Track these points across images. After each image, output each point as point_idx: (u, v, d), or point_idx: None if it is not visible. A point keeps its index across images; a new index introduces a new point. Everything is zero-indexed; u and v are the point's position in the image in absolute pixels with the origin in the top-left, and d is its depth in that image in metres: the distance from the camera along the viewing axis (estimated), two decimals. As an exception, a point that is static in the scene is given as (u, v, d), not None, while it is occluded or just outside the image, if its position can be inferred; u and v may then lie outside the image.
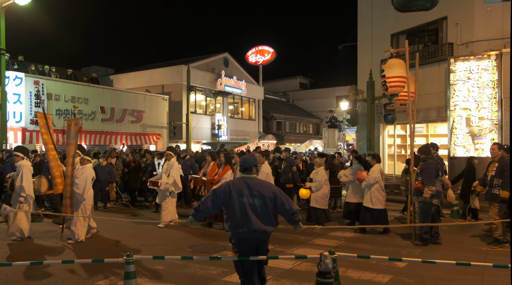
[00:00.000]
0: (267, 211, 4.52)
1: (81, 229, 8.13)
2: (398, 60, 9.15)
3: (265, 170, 9.58)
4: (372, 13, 19.02)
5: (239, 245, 4.52)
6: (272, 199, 4.55)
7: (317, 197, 9.81)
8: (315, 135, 44.36)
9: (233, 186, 4.55)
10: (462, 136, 13.75)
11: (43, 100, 18.02)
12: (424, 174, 7.97)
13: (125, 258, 4.26)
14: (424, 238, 7.97)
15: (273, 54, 36.56)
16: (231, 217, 4.49)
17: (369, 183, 9.05)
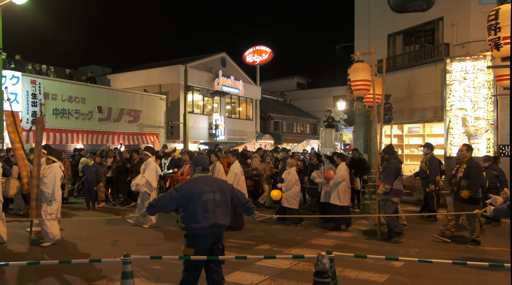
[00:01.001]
0: (227, 205, 4.85)
1: (54, 227, 7.83)
2: (362, 64, 9.44)
3: (234, 169, 9.62)
4: (369, 13, 19.05)
5: (197, 240, 4.69)
6: (230, 192, 4.93)
7: (288, 197, 10.01)
8: (312, 135, 44.39)
9: (194, 184, 4.76)
10: (458, 136, 13.80)
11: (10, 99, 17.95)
12: (385, 173, 8.38)
13: (122, 258, 4.26)
14: (397, 232, 8.29)
15: (271, 54, 36.59)
16: (191, 213, 4.65)
17: (337, 181, 9.38)
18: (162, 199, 4.76)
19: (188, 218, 4.68)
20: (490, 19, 6.33)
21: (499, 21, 6.33)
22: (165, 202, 4.74)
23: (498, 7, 6.43)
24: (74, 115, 19.87)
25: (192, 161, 5.12)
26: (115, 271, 6.09)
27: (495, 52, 6.46)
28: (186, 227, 4.71)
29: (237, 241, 8.35)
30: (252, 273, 6.20)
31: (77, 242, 8.08)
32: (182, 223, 4.75)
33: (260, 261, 6.70)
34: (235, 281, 5.86)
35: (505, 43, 6.30)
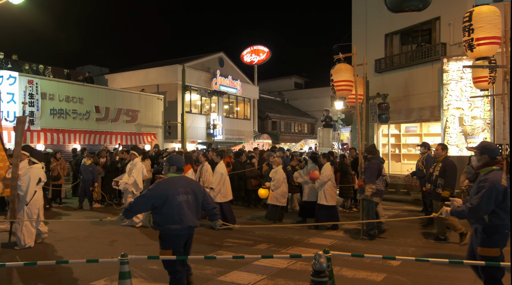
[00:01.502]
0: (198, 206, 4.98)
1: (28, 235, 7.54)
2: (345, 65, 9.54)
3: (220, 170, 9.51)
4: (366, 13, 19.08)
5: (172, 241, 4.78)
6: (202, 195, 5.06)
7: (277, 195, 10.07)
8: (310, 134, 44.43)
9: (169, 185, 4.83)
10: (455, 135, 13.84)
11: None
12: (367, 173, 8.43)
13: (120, 258, 4.26)
14: (370, 234, 8.42)
15: (268, 54, 36.61)
16: (166, 214, 4.72)
17: (323, 181, 9.40)
18: (137, 202, 4.81)
19: (163, 219, 4.73)
20: (465, 21, 6.47)
21: (473, 23, 6.45)
22: (141, 204, 4.79)
23: (472, 9, 6.59)
24: (71, 115, 19.84)
25: (166, 160, 5.14)
26: (112, 271, 6.09)
27: (469, 53, 6.60)
28: (162, 228, 4.76)
29: (235, 240, 8.36)
30: (249, 273, 6.21)
31: (75, 243, 8.08)
32: (157, 224, 4.78)
33: (257, 260, 6.71)
34: (232, 281, 5.87)
35: (477, 45, 6.42)
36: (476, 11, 6.45)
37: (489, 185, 4.32)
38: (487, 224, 4.39)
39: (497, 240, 4.39)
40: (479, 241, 4.48)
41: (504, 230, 4.39)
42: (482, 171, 4.58)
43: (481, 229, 4.47)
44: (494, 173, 4.45)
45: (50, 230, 9.06)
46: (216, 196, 9.37)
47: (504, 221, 4.35)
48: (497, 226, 4.38)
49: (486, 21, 6.35)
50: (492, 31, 6.39)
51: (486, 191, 4.30)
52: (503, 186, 4.32)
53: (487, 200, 4.29)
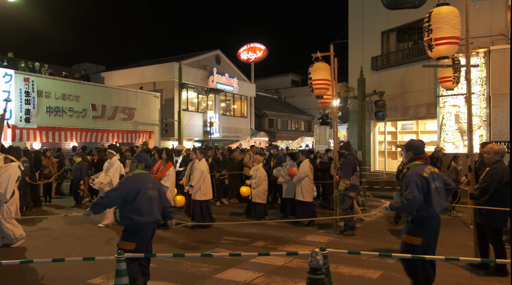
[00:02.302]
0: (161, 202, 5.16)
1: (15, 229, 7.52)
2: (323, 63, 9.63)
3: (200, 167, 9.42)
4: (362, 10, 19.10)
5: (140, 234, 4.87)
6: (163, 193, 5.25)
7: (258, 193, 10.21)
8: (307, 132, 44.49)
9: (139, 180, 4.97)
10: (451, 132, 13.89)
11: None
12: (343, 168, 8.68)
13: (116, 256, 4.27)
14: (351, 226, 8.68)
15: (265, 52, 36.57)
16: (137, 208, 4.81)
17: (300, 177, 9.61)
18: (109, 195, 4.84)
19: (133, 212, 4.81)
20: (425, 21, 6.63)
21: (431, 23, 6.59)
22: (113, 197, 4.82)
23: (431, 10, 6.71)
24: (67, 113, 19.76)
25: (135, 157, 5.25)
26: (109, 269, 6.09)
27: (428, 53, 6.74)
28: (132, 221, 4.81)
29: (232, 238, 8.37)
30: (246, 270, 6.22)
31: (71, 240, 8.07)
32: (126, 217, 4.83)
33: (254, 258, 6.72)
34: (229, 278, 5.88)
35: (436, 45, 6.55)
36: (435, 12, 6.60)
37: (414, 178, 4.76)
38: (415, 216, 4.82)
39: (422, 231, 4.81)
40: (406, 230, 4.94)
41: (430, 222, 4.81)
42: (409, 166, 5.05)
43: (409, 220, 4.91)
44: (417, 167, 4.90)
45: (46, 228, 9.07)
46: (196, 194, 9.31)
47: (428, 213, 4.76)
48: (423, 217, 4.79)
49: (444, 22, 6.49)
50: (450, 32, 6.51)
51: (413, 183, 4.72)
52: (425, 177, 4.76)
53: (417, 191, 4.68)
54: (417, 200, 4.65)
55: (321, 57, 9.61)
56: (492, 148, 6.04)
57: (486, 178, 5.94)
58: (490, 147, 6.09)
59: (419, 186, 4.70)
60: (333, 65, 9.30)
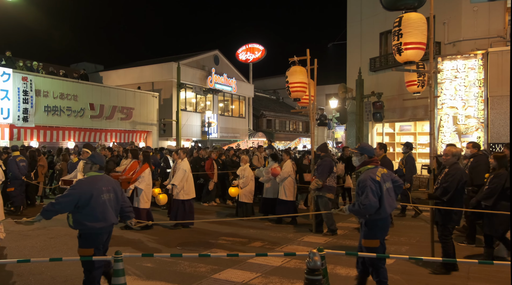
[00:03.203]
0: (118, 204, 5.09)
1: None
2: (299, 67, 9.82)
3: (183, 167, 9.32)
4: (361, 11, 19.12)
5: (96, 239, 4.82)
6: (121, 193, 5.17)
7: (245, 192, 10.31)
8: (305, 133, 44.51)
9: (92, 184, 4.85)
10: (449, 134, 13.90)
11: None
12: (319, 170, 8.79)
13: (114, 255, 4.26)
14: (332, 229, 8.76)
15: (263, 52, 36.57)
16: (91, 213, 4.73)
17: (283, 177, 9.79)
18: (60, 202, 4.72)
19: (88, 218, 4.72)
20: (395, 26, 6.85)
21: (402, 28, 6.69)
22: (63, 204, 4.71)
23: (401, 15, 6.80)
24: (65, 112, 19.75)
25: (89, 158, 5.13)
26: (106, 269, 6.08)
27: (397, 56, 6.92)
28: (85, 227, 4.74)
29: (229, 238, 8.37)
30: (243, 271, 6.22)
31: (68, 240, 8.05)
32: (79, 223, 4.75)
33: (251, 258, 6.72)
34: (226, 279, 5.88)
35: (405, 49, 6.68)
36: (405, 17, 6.72)
37: (368, 182, 4.87)
38: (368, 219, 4.94)
39: (377, 232, 4.96)
40: (363, 234, 5.06)
41: (383, 223, 4.98)
42: (362, 170, 5.13)
43: (364, 223, 5.03)
44: (369, 171, 5.02)
45: (43, 227, 9.04)
46: (179, 193, 9.22)
47: (381, 215, 4.90)
48: (376, 220, 4.92)
49: (413, 27, 6.63)
50: (419, 37, 6.67)
51: (368, 188, 4.83)
52: (378, 181, 4.90)
53: (373, 195, 4.81)
54: (372, 205, 4.80)
55: (298, 61, 9.83)
56: (450, 151, 6.35)
57: (447, 178, 6.13)
58: (448, 150, 6.42)
59: (373, 191, 4.84)
60: (309, 67, 9.60)
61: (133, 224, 5.41)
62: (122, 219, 5.31)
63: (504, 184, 6.43)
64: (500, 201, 6.47)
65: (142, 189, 9.06)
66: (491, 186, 6.54)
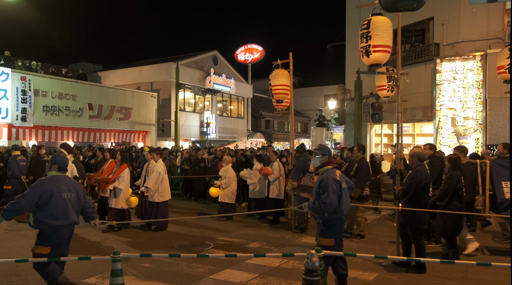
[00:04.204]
0: (79, 205, 5.12)
1: None
2: (281, 70, 10.04)
3: (158, 168, 9.15)
4: (360, 12, 19.12)
5: (55, 238, 4.84)
6: (83, 194, 5.20)
7: (227, 193, 10.33)
8: (303, 133, 44.52)
9: (53, 183, 4.90)
10: (447, 135, 13.93)
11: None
12: (292, 170, 9.07)
13: (112, 255, 4.25)
14: (301, 227, 9.05)
15: (262, 53, 36.57)
16: (51, 212, 4.77)
17: (276, 176, 10.10)
18: (20, 201, 4.73)
19: (47, 216, 4.77)
20: (363, 28, 7.02)
21: (370, 30, 6.83)
22: (24, 203, 4.73)
23: (370, 18, 6.94)
24: (64, 112, 19.72)
25: (50, 159, 5.21)
26: (104, 268, 6.09)
27: (365, 59, 7.06)
28: (46, 225, 4.77)
29: (227, 239, 8.36)
30: (242, 271, 6.22)
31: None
32: (40, 221, 4.77)
33: (250, 259, 6.72)
34: (224, 279, 5.88)
35: (373, 51, 6.80)
36: (374, 20, 6.88)
37: (330, 182, 4.99)
38: (327, 218, 5.04)
39: (334, 232, 5.07)
40: (319, 232, 5.15)
41: (340, 223, 5.11)
42: (321, 171, 5.25)
43: (321, 222, 5.10)
44: (330, 171, 5.15)
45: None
46: (154, 195, 9.05)
47: (339, 215, 5.03)
48: (334, 219, 5.05)
49: (381, 30, 6.78)
50: (385, 40, 6.80)
51: (330, 188, 4.95)
52: (338, 180, 5.06)
53: (333, 195, 4.93)
54: (333, 203, 4.91)
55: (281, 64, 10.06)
56: (415, 152, 6.50)
57: (407, 180, 6.33)
58: (414, 152, 6.57)
59: (334, 190, 4.96)
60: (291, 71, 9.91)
61: (97, 225, 5.40)
62: (85, 219, 5.31)
63: (456, 185, 6.73)
64: (452, 201, 6.77)
65: (122, 189, 8.84)
66: (445, 187, 6.84)
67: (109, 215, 8.88)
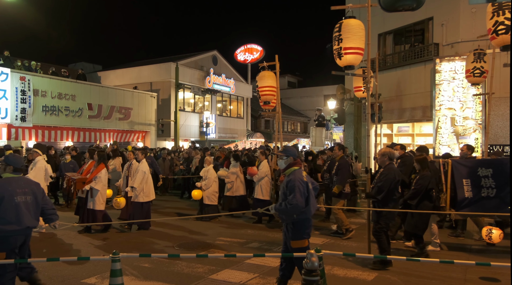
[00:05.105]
0: (37, 207, 4.90)
1: None
2: (267, 72, 10.13)
3: (142, 168, 9.02)
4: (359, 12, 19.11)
5: (8, 243, 4.66)
6: (41, 196, 4.97)
7: (209, 194, 10.29)
8: (303, 133, 44.54)
9: (5, 186, 4.70)
10: (447, 135, 13.92)
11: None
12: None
13: (111, 256, 4.25)
14: None
15: (262, 53, 36.59)
16: (2, 216, 4.57)
17: (260, 176, 10.05)
18: None
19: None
20: (335, 31, 7.18)
21: (342, 33, 6.95)
22: None
23: (341, 21, 7.07)
24: (63, 112, 19.73)
25: (3, 159, 4.99)
26: (104, 269, 6.09)
27: (338, 61, 7.17)
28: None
29: (227, 239, 8.36)
30: (241, 271, 6.22)
31: (66, 240, 8.04)
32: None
33: (249, 259, 6.72)
34: (224, 279, 5.88)
35: (345, 53, 6.94)
36: (345, 23, 7.02)
37: (297, 183, 4.90)
38: (295, 219, 4.95)
39: (302, 233, 4.97)
40: (291, 236, 5.02)
41: (309, 224, 5.03)
42: (288, 172, 5.16)
43: (291, 224, 5.00)
44: (296, 172, 5.07)
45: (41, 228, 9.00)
46: (139, 196, 8.93)
47: (307, 215, 4.96)
48: (303, 220, 4.96)
49: (352, 33, 6.92)
50: (357, 43, 6.94)
51: (297, 189, 4.86)
52: (305, 181, 4.99)
53: (300, 195, 4.84)
54: (299, 205, 4.83)
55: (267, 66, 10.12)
56: (385, 152, 6.68)
57: (381, 178, 6.47)
58: (384, 151, 6.72)
59: (301, 191, 4.89)
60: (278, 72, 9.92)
61: (57, 227, 5.19)
62: (45, 221, 5.16)
63: (428, 185, 6.86)
64: (423, 201, 6.91)
65: (98, 190, 8.58)
66: (416, 187, 6.95)
67: (86, 217, 8.60)
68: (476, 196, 7.11)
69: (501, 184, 6.99)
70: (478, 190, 7.10)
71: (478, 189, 7.11)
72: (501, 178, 7.00)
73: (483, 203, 7.03)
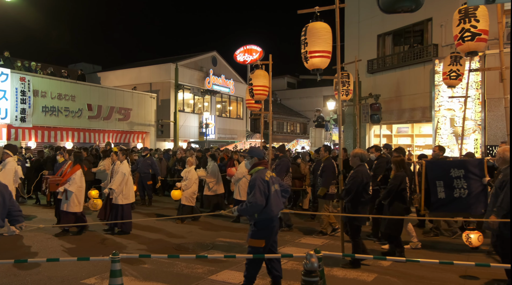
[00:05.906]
0: (5, 208, 4.85)
1: None
2: (262, 71, 10.15)
3: (122, 170, 8.80)
4: (359, 13, 19.15)
5: None
6: (8, 197, 4.90)
7: (187, 195, 10.24)
8: (302, 134, 44.53)
9: None
10: (446, 136, 13.94)
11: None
12: (277, 169, 9.24)
13: (111, 256, 4.26)
14: (288, 225, 9.25)
15: (261, 54, 36.56)
16: None
17: (237, 177, 10.10)
18: None
19: None
20: (302, 35, 7.08)
21: (307, 37, 6.97)
22: None
23: (307, 25, 7.04)
24: (63, 113, 19.73)
25: None
26: (103, 269, 6.08)
27: (305, 64, 7.19)
28: None
29: (226, 239, 8.36)
30: (240, 272, 6.19)
31: (66, 240, 8.04)
32: None
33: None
34: (223, 280, 5.88)
35: (311, 57, 6.98)
36: (310, 26, 7.00)
37: (258, 182, 4.99)
38: (257, 219, 5.04)
39: (264, 233, 5.06)
40: (250, 233, 5.14)
41: (271, 223, 5.10)
42: (253, 172, 5.25)
43: (253, 223, 5.10)
44: (260, 171, 5.16)
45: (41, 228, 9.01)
46: (118, 197, 8.72)
47: (269, 215, 5.02)
48: (265, 220, 5.04)
49: (317, 36, 6.90)
50: (323, 46, 6.93)
51: (256, 187, 4.95)
52: (267, 180, 5.06)
53: (260, 194, 4.92)
54: (258, 203, 4.89)
55: (261, 65, 10.16)
56: (356, 153, 6.74)
57: (350, 180, 6.57)
58: (355, 152, 6.79)
59: (261, 190, 4.94)
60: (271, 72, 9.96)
61: (23, 228, 5.13)
62: (11, 223, 5.10)
63: (400, 186, 6.85)
64: (395, 201, 6.90)
65: (73, 192, 8.33)
66: (389, 187, 7.00)
67: (62, 219, 8.44)
68: (449, 197, 7.22)
69: (472, 185, 7.10)
70: (451, 191, 7.21)
71: (451, 190, 7.21)
72: (471, 179, 7.12)
73: (456, 204, 7.17)
